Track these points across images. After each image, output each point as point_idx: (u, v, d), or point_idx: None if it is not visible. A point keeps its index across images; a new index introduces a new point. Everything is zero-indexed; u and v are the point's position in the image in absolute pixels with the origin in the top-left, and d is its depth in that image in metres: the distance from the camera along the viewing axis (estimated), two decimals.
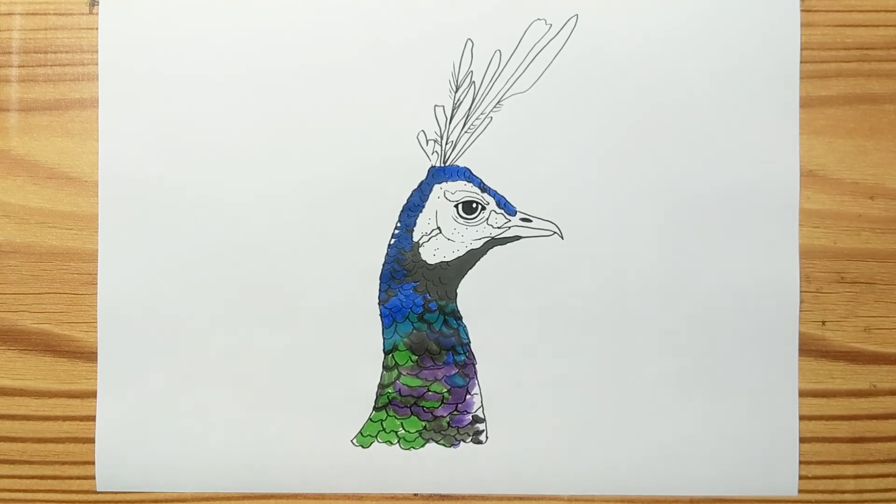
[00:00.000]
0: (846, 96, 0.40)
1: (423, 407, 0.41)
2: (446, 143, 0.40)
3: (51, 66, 0.41)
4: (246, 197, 0.40)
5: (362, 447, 0.41)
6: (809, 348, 0.41)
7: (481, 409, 0.41)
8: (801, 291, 0.40)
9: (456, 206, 0.40)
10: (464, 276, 0.41)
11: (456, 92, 0.40)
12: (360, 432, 0.41)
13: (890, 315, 0.41)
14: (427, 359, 0.41)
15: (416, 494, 0.41)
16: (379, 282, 0.40)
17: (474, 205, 0.40)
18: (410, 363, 0.41)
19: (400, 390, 0.41)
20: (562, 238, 0.40)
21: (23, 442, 0.41)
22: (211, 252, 0.40)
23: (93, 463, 0.40)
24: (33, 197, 0.40)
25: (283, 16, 0.40)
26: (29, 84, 0.41)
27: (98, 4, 0.40)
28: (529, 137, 0.40)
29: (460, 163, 0.40)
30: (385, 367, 0.41)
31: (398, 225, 0.40)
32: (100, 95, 0.40)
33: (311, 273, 0.40)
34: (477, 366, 0.41)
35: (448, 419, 0.41)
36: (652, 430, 0.40)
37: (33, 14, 0.41)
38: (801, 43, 0.40)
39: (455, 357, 0.41)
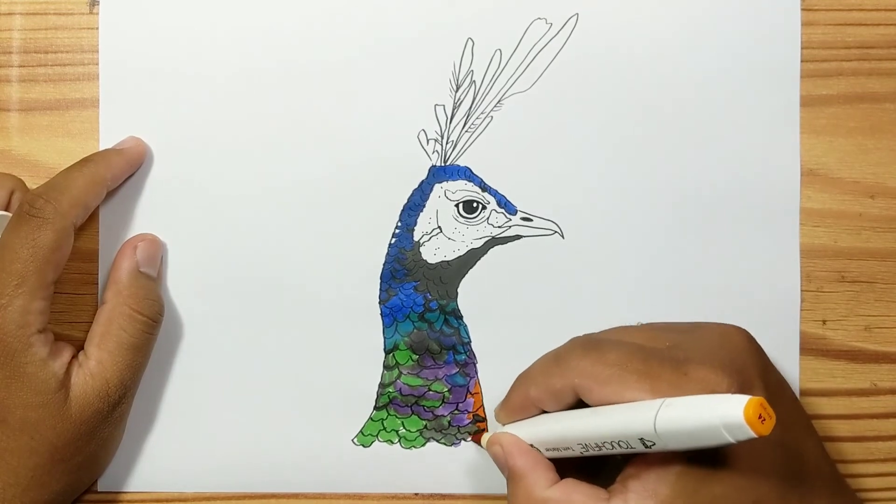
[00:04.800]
0: (847, 95, 0.41)
1: (423, 406, 0.41)
2: (447, 143, 0.40)
3: (51, 66, 0.41)
4: (245, 197, 0.40)
5: (363, 446, 0.41)
6: (810, 347, 0.41)
7: (482, 408, 0.41)
8: (801, 290, 0.41)
9: (456, 205, 0.40)
10: (464, 276, 0.41)
11: (456, 91, 0.40)
12: (361, 431, 0.41)
13: (891, 314, 0.41)
14: (428, 358, 0.41)
15: (416, 494, 0.41)
16: (379, 281, 0.40)
17: (475, 204, 0.40)
18: (411, 362, 0.41)
19: (401, 389, 0.41)
20: (562, 237, 0.40)
21: None
22: (210, 252, 0.40)
23: None
24: None
25: (284, 15, 0.40)
26: (29, 84, 0.41)
27: (98, 4, 0.40)
28: (530, 137, 0.40)
29: (461, 162, 0.40)
30: (386, 367, 0.41)
31: (399, 224, 0.40)
32: (100, 95, 0.40)
33: (312, 272, 0.40)
34: (478, 365, 0.41)
35: (449, 418, 0.41)
36: None
37: (33, 14, 0.41)
38: (802, 42, 0.40)
39: (456, 356, 0.41)
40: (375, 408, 0.41)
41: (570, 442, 0.32)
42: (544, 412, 0.34)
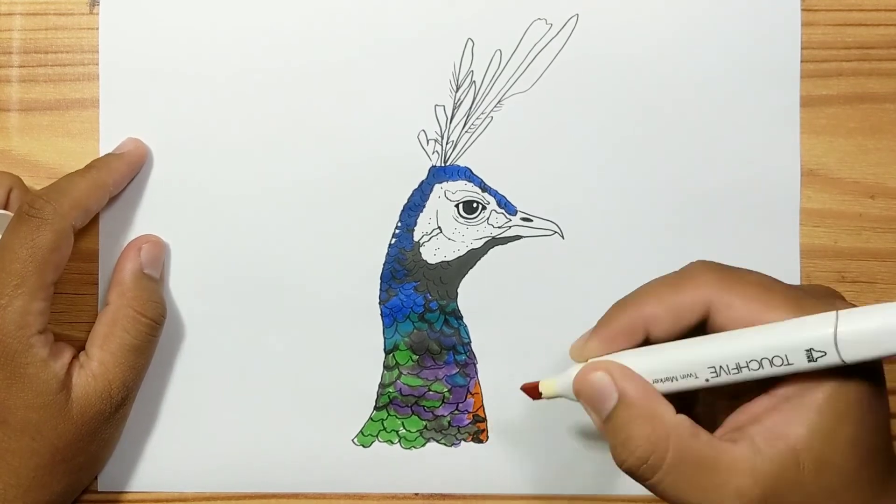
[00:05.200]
0: (847, 95, 0.40)
1: (423, 406, 0.41)
2: (447, 143, 0.40)
3: (51, 66, 0.41)
4: (245, 197, 0.40)
5: (363, 446, 0.41)
6: None
7: (482, 408, 0.41)
8: None
9: (456, 205, 0.40)
10: (464, 276, 0.41)
11: (456, 92, 0.40)
12: (361, 432, 0.41)
13: None
14: (428, 358, 0.41)
15: (416, 494, 0.41)
16: (379, 281, 0.40)
17: (475, 204, 0.40)
18: (411, 363, 0.41)
19: (401, 390, 0.41)
20: (562, 237, 0.40)
21: None
22: (210, 252, 0.40)
23: None
24: None
25: (284, 15, 0.40)
26: (29, 84, 0.41)
27: (98, 4, 0.40)
28: (530, 137, 0.40)
29: (461, 162, 0.40)
30: (386, 367, 0.41)
31: (399, 224, 0.40)
32: (100, 95, 0.40)
33: (312, 273, 0.40)
34: (478, 365, 0.41)
35: (449, 419, 0.41)
36: None
37: (33, 14, 0.41)
38: (802, 42, 0.40)
39: (456, 356, 0.41)
40: (375, 408, 0.41)
41: (699, 366, 0.29)
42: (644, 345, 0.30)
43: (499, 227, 0.40)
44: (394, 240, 0.40)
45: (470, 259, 0.41)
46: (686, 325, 0.30)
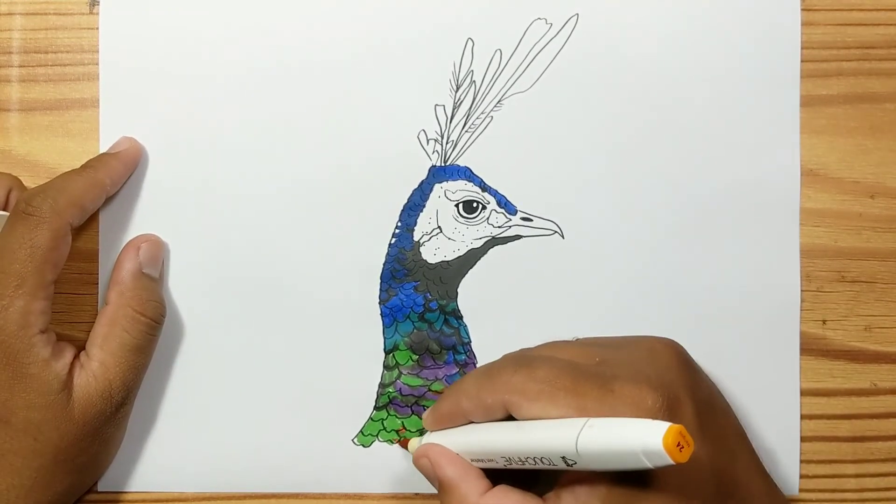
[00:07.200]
0: (847, 95, 0.41)
1: (424, 406, 0.41)
2: (447, 143, 0.40)
3: (51, 66, 0.41)
4: (245, 197, 0.40)
5: (363, 446, 0.41)
6: (810, 347, 0.41)
7: None
8: (801, 290, 0.41)
9: (456, 205, 0.40)
10: (464, 276, 0.41)
11: (456, 91, 0.40)
12: (361, 431, 0.41)
13: (891, 314, 0.41)
14: (428, 358, 0.41)
15: (416, 494, 0.41)
16: (379, 281, 0.40)
17: (475, 204, 0.40)
18: (411, 363, 0.41)
19: (401, 390, 0.41)
20: (562, 237, 0.40)
21: None
22: (210, 252, 0.40)
23: None
24: None
25: (284, 15, 0.40)
26: (29, 84, 0.41)
27: (98, 4, 0.40)
28: (530, 137, 0.40)
29: (461, 162, 0.40)
30: (386, 367, 0.41)
31: (399, 224, 0.40)
32: (100, 95, 0.40)
33: (312, 273, 0.40)
34: (478, 365, 0.41)
35: None
36: None
37: (33, 14, 0.41)
38: (802, 42, 0.40)
39: (456, 356, 0.41)
40: (375, 408, 0.41)
41: (494, 454, 0.32)
42: (472, 422, 0.34)
43: (499, 227, 0.40)
44: (394, 239, 0.40)
45: (470, 259, 0.41)
46: (497, 417, 0.33)
